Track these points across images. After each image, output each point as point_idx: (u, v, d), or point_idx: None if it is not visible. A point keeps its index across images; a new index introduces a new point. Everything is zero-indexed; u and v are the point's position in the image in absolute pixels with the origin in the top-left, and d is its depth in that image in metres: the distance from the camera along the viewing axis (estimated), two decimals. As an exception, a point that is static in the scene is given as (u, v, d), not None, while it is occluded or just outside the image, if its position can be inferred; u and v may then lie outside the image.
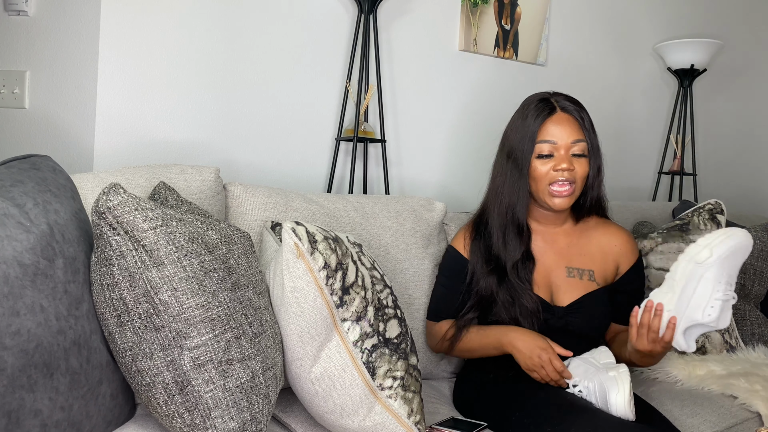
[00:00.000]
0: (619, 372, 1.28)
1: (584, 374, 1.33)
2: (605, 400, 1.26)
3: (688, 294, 1.28)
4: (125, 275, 0.98)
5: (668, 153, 2.92)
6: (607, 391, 1.26)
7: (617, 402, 1.24)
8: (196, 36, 1.76)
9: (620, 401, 1.24)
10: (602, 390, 1.27)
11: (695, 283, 1.28)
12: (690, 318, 1.28)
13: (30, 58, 1.77)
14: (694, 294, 1.28)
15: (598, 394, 1.28)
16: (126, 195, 0.99)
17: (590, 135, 1.46)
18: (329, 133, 2.02)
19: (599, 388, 1.28)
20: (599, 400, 1.28)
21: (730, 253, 1.26)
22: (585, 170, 1.45)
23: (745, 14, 3.09)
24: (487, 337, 1.45)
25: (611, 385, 1.26)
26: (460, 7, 2.23)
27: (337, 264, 1.15)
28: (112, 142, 1.66)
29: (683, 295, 1.28)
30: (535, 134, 1.44)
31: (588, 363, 1.35)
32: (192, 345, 0.99)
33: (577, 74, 2.59)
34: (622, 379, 1.26)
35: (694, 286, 1.28)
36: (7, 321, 0.86)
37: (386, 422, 1.15)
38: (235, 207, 1.46)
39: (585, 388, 1.31)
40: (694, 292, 1.28)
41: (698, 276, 1.27)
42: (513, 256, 1.47)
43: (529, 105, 1.48)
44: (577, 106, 1.47)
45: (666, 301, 1.30)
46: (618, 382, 1.25)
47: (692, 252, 1.30)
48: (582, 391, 1.32)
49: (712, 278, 1.27)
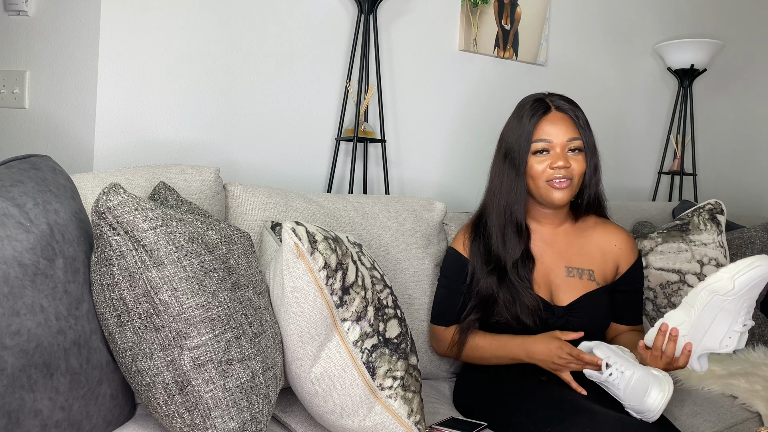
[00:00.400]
0: (665, 375, 1.27)
1: (618, 359, 1.29)
2: (640, 392, 1.24)
3: (705, 323, 1.26)
4: (125, 275, 0.98)
5: (668, 153, 2.92)
6: (650, 387, 1.24)
7: (656, 400, 1.22)
8: (196, 36, 1.76)
9: (659, 400, 1.22)
10: (643, 383, 1.24)
11: (714, 313, 1.25)
12: (706, 347, 1.27)
13: (30, 58, 1.77)
14: (712, 324, 1.25)
15: (634, 384, 1.25)
16: (126, 195, 0.99)
17: (586, 133, 1.47)
18: (329, 133, 2.02)
19: (640, 381, 1.25)
20: (631, 389, 1.25)
21: (753, 285, 1.23)
22: (582, 167, 1.46)
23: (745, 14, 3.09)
24: (502, 350, 1.45)
25: (655, 382, 1.24)
26: (460, 7, 2.23)
27: (337, 264, 1.15)
28: (112, 142, 1.66)
29: (700, 323, 1.26)
30: (531, 133, 1.45)
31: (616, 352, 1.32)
32: (192, 345, 0.99)
33: (577, 74, 2.59)
34: (668, 383, 1.25)
35: (713, 316, 1.25)
36: (7, 321, 0.86)
37: (386, 422, 1.15)
38: (235, 207, 1.46)
39: (619, 372, 1.27)
40: (712, 322, 1.25)
41: (718, 307, 1.25)
42: (512, 255, 1.47)
43: (524, 106, 1.49)
44: (572, 105, 1.48)
45: (681, 327, 1.28)
46: (663, 383, 1.24)
47: (713, 282, 1.26)
48: (613, 374, 1.28)
49: (732, 310, 1.24)
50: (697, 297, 1.28)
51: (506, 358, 1.45)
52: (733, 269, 1.25)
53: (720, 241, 1.85)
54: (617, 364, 1.28)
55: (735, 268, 1.25)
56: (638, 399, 1.24)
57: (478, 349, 1.48)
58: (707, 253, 1.83)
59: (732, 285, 1.23)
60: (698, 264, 1.82)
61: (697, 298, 1.27)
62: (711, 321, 1.25)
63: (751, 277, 1.22)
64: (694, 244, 1.85)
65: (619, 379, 1.27)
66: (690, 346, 1.27)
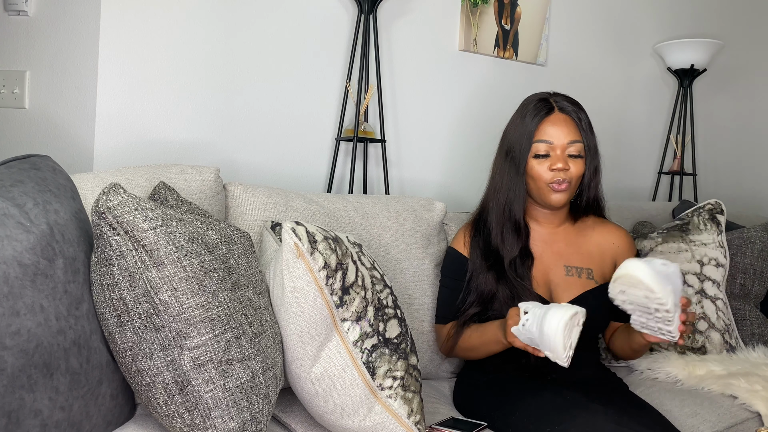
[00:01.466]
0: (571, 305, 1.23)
1: (536, 307, 1.25)
2: (541, 323, 1.20)
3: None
4: (125, 275, 0.98)
5: (668, 153, 2.92)
6: (548, 311, 1.20)
7: (552, 319, 1.18)
8: (196, 36, 1.76)
9: (556, 318, 1.18)
10: (545, 311, 1.21)
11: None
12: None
13: (30, 58, 1.77)
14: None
15: (540, 317, 1.21)
16: (126, 195, 0.99)
17: (587, 136, 1.48)
18: (329, 133, 2.02)
19: (544, 312, 1.21)
20: (536, 325, 1.21)
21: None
22: (580, 170, 1.47)
23: (745, 14, 3.09)
24: (485, 334, 1.44)
25: (556, 307, 1.20)
26: (460, 7, 2.23)
27: (337, 264, 1.15)
28: (112, 142, 1.66)
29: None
30: (533, 133, 1.45)
31: (539, 305, 1.28)
32: (192, 345, 0.99)
33: (577, 74, 2.59)
34: (572, 307, 1.20)
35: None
36: (7, 321, 0.86)
37: (386, 422, 1.15)
38: (235, 207, 1.46)
39: (533, 315, 1.23)
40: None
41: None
42: (510, 253, 1.48)
43: (528, 104, 1.50)
44: (575, 107, 1.48)
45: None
46: (564, 307, 1.20)
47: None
48: (529, 319, 1.23)
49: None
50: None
51: (491, 341, 1.41)
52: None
53: (720, 241, 1.85)
54: (533, 309, 1.24)
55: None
56: (541, 329, 1.20)
57: (467, 340, 1.48)
58: (707, 253, 1.83)
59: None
60: (698, 264, 1.82)
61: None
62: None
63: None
64: (694, 244, 1.85)
65: (532, 322, 1.23)
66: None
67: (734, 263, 1.92)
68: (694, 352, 1.77)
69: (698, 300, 1.79)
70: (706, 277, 1.81)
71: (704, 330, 1.77)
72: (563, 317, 1.18)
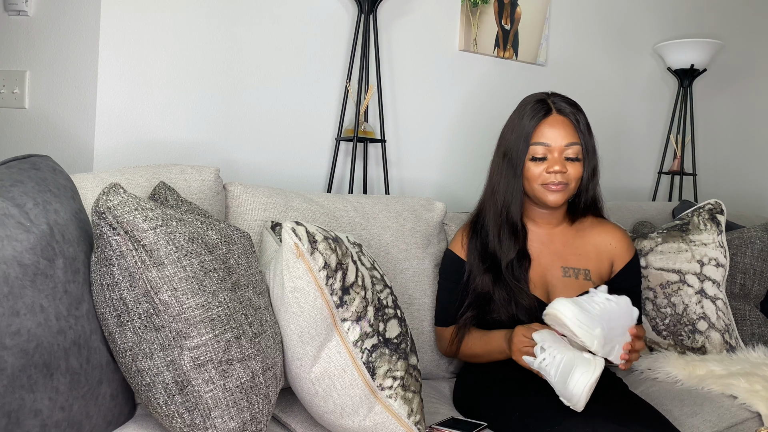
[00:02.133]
0: (595, 358, 1.23)
1: (554, 344, 1.27)
2: (566, 376, 1.21)
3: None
4: (125, 275, 0.98)
5: (668, 153, 2.92)
6: (575, 368, 1.21)
7: (578, 381, 1.19)
8: (196, 36, 1.76)
9: (582, 382, 1.19)
10: (570, 365, 1.22)
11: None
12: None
13: (30, 58, 1.77)
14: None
15: (562, 367, 1.22)
16: (126, 195, 0.99)
17: (585, 137, 1.47)
18: (329, 133, 2.02)
19: (568, 364, 1.22)
20: (560, 374, 1.22)
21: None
22: (578, 173, 1.47)
23: (745, 14, 3.09)
24: (489, 343, 1.46)
25: (581, 364, 1.21)
26: (460, 7, 2.23)
27: (337, 264, 1.15)
28: (112, 142, 1.66)
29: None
30: (530, 135, 1.45)
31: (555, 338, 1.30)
32: (192, 345, 0.99)
33: (577, 74, 2.59)
34: (596, 365, 1.21)
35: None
36: (7, 321, 0.86)
37: (386, 422, 1.15)
38: (235, 207, 1.46)
39: (551, 357, 1.25)
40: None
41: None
42: (507, 254, 1.48)
43: (526, 105, 1.50)
44: (573, 108, 1.48)
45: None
46: (590, 365, 1.21)
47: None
48: (546, 358, 1.25)
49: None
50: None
51: (495, 351, 1.44)
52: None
53: (720, 241, 1.85)
54: (551, 349, 1.25)
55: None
56: (565, 382, 1.21)
57: (471, 346, 1.49)
58: (707, 253, 1.83)
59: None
60: (698, 264, 1.82)
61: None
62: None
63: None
64: (694, 244, 1.85)
65: (551, 364, 1.24)
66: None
67: (734, 263, 1.92)
68: (694, 352, 1.77)
69: (698, 300, 1.79)
70: (706, 277, 1.81)
71: (704, 330, 1.77)
72: (590, 379, 1.20)
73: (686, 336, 1.78)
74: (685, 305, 1.79)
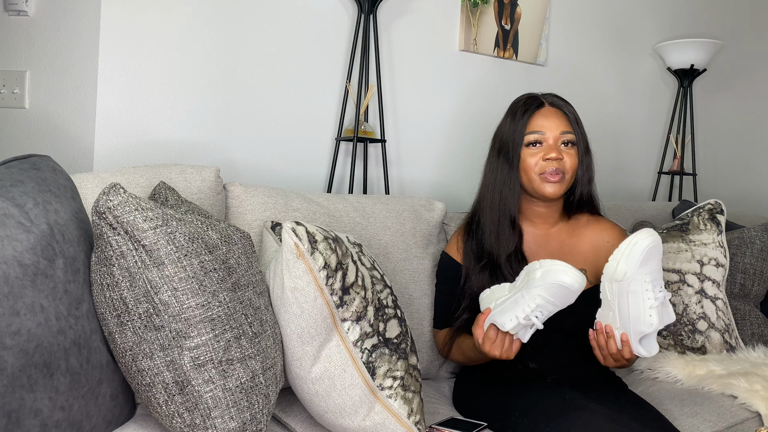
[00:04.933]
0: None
1: (516, 307, 1.27)
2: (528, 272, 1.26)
3: (624, 310, 1.29)
4: (125, 275, 0.98)
5: (668, 153, 2.92)
6: (557, 273, 1.23)
7: (567, 273, 1.22)
8: (196, 36, 1.76)
9: (571, 272, 1.22)
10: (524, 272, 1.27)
11: (625, 299, 1.29)
12: (637, 331, 1.29)
13: (30, 58, 1.77)
14: (629, 309, 1.29)
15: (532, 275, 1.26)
16: (126, 195, 0.99)
17: (578, 129, 1.49)
18: (329, 133, 2.02)
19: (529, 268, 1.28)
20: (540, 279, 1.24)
21: (642, 260, 1.27)
22: (574, 162, 1.47)
23: (745, 14, 3.09)
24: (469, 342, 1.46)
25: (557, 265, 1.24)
26: (460, 7, 2.23)
27: (337, 264, 1.15)
28: (112, 142, 1.66)
29: (621, 312, 1.30)
30: (525, 127, 1.47)
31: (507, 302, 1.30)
32: (192, 345, 0.99)
33: (577, 74, 2.59)
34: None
35: (626, 302, 1.29)
36: (7, 321, 0.86)
37: (386, 422, 1.15)
38: (235, 207, 1.46)
39: (509, 285, 1.31)
40: (628, 307, 1.29)
41: (625, 292, 1.28)
42: (506, 248, 1.48)
43: (518, 103, 1.53)
44: (564, 102, 1.52)
45: (611, 321, 1.32)
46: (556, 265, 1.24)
47: (609, 271, 1.31)
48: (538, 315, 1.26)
49: (637, 290, 1.27)
50: (605, 289, 1.32)
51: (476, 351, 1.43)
52: (619, 252, 1.29)
53: (720, 241, 1.85)
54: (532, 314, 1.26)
55: (619, 251, 1.29)
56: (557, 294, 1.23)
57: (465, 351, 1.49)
58: (707, 253, 1.83)
59: (624, 266, 1.27)
60: (698, 264, 1.82)
61: (605, 290, 1.32)
62: (627, 306, 1.29)
63: (636, 253, 1.26)
64: (694, 244, 1.85)
65: (520, 282, 1.29)
66: (625, 336, 1.30)
67: (734, 263, 1.92)
68: (694, 352, 1.77)
69: (698, 300, 1.79)
70: (706, 277, 1.81)
71: (704, 330, 1.77)
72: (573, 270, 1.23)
73: (686, 336, 1.78)
74: (685, 305, 1.79)
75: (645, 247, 1.27)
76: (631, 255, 1.27)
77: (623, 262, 1.28)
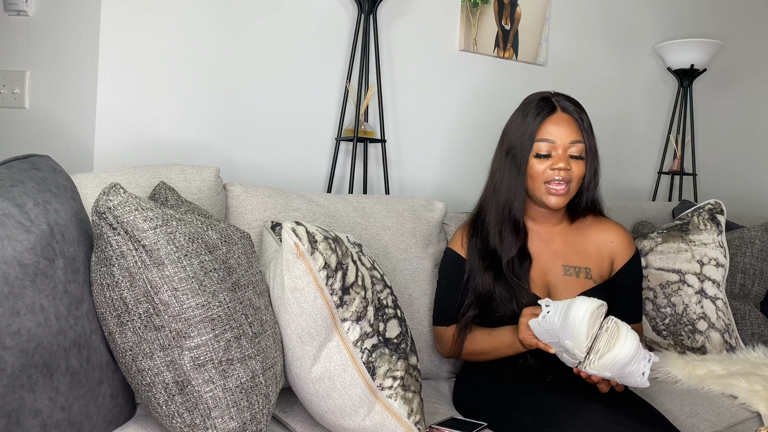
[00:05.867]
0: (592, 298, 1.27)
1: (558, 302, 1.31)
2: (567, 311, 1.24)
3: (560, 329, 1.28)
4: (125, 275, 0.98)
5: (668, 153, 2.92)
6: (574, 302, 1.25)
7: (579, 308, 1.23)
8: (196, 36, 1.76)
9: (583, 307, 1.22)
10: (570, 302, 1.26)
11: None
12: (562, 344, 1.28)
13: (30, 58, 1.77)
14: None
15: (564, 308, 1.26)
16: (126, 195, 0.99)
17: (589, 136, 1.48)
18: (329, 133, 2.02)
19: (567, 303, 1.27)
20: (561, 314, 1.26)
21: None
22: (581, 171, 1.47)
23: (745, 14, 3.09)
24: (497, 338, 1.45)
25: (582, 299, 1.26)
26: (460, 7, 2.23)
27: (337, 264, 1.15)
28: (112, 142, 1.66)
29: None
30: (535, 132, 1.45)
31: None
32: (192, 345, 0.99)
33: (577, 74, 2.59)
34: (593, 299, 1.25)
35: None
36: (7, 321, 0.86)
37: (386, 422, 1.15)
38: (235, 207, 1.46)
39: (555, 306, 1.29)
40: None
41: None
42: (508, 252, 1.48)
43: (530, 103, 1.49)
44: (577, 107, 1.48)
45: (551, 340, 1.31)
46: (589, 299, 1.25)
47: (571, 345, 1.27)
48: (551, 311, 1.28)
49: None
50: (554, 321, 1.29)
51: (503, 346, 1.44)
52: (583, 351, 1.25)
53: (720, 241, 1.85)
54: (555, 303, 1.29)
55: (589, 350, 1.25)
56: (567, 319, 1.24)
57: (477, 343, 1.48)
58: (707, 253, 1.83)
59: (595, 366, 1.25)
60: (698, 264, 1.82)
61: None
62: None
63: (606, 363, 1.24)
64: (694, 244, 1.85)
65: (554, 313, 1.28)
66: (595, 377, 1.29)
67: (734, 263, 1.92)
68: (694, 352, 1.77)
69: (698, 300, 1.79)
70: (706, 277, 1.81)
71: (704, 330, 1.77)
72: (590, 306, 1.24)
73: (686, 336, 1.78)
74: (685, 305, 1.79)
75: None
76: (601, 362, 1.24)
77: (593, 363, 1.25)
